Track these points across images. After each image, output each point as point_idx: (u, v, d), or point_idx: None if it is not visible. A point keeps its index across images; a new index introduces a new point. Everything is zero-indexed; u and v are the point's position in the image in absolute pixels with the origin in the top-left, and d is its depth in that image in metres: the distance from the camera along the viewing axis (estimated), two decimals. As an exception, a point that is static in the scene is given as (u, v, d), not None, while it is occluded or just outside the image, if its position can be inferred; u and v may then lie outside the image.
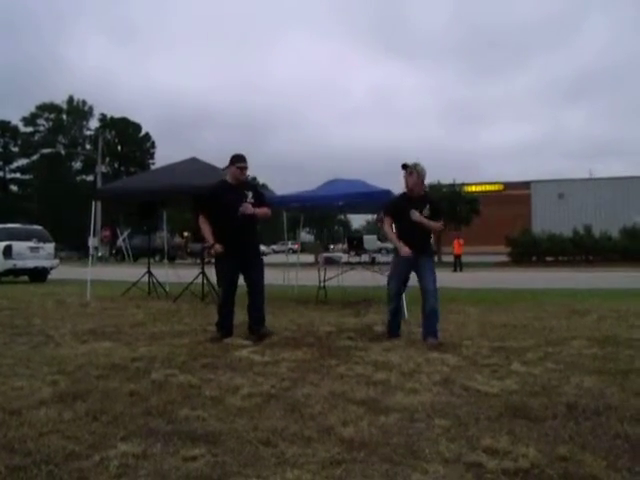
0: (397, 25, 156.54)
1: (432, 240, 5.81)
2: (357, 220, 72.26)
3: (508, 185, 47.32)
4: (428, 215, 5.35)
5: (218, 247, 5.48)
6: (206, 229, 5.60)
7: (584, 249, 29.03)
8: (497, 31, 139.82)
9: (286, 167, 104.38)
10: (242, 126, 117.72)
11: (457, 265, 23.63)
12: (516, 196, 45.36)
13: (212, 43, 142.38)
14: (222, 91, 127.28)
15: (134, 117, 61.15)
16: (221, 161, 10.35)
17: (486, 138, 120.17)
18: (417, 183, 5.40)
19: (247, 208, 5.40)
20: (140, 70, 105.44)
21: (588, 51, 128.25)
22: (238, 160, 5.60)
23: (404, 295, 7.72)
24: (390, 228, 5.60)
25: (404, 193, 5.61)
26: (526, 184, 46.81)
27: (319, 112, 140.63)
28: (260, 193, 5.81)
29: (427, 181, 5.60)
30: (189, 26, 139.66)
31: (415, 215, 5.27)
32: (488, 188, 46.15)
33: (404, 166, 5.45)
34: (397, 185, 5.69)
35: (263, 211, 5.67)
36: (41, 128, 59.67)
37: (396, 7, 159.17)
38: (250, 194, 5.57)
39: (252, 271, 5.63)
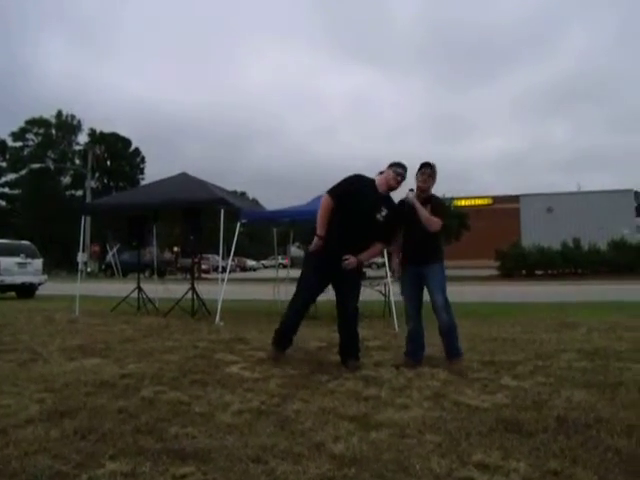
0: (373, 30, 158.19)
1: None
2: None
3: (497, 199, 47.64)
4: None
5: (320, 245, 4.73)
6: (325, 215, 4.76)
7: (573, 262, 29.22)
8: (478, 39, 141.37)
9: (270, 181, 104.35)
10: (222, 139, 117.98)
11: None
12: (505, 210, 45.65)
13: (184, 56, 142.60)
14: (198, 104, 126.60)
15: (111, 130, 60.93)
16: (208, 175, 10.39)
17: (469, 149, 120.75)
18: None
19: (351, 264, 4.71)
20: (114, 82, 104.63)
21: (571, 61, 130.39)
22: (399, 165, 4.84)
23: (393, 305, 7.74)
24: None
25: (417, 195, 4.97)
26: (515, 198, 47.14)
27: (298, 124, 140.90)
28: (391, 218, 4.84)
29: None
30: (160, 38, 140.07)
31: (410, 195, 4.78)
32: (477, 202, 46.42)
33: (428, 165, 4.88)
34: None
35: (374, 250, 4.95)
36: (30, 143, 59.49)
37: (372, 14, 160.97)
38: (385, 211, 4.78)
39: (345, 287, 4.86)
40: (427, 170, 4.87)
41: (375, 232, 4.84)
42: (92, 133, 59.95)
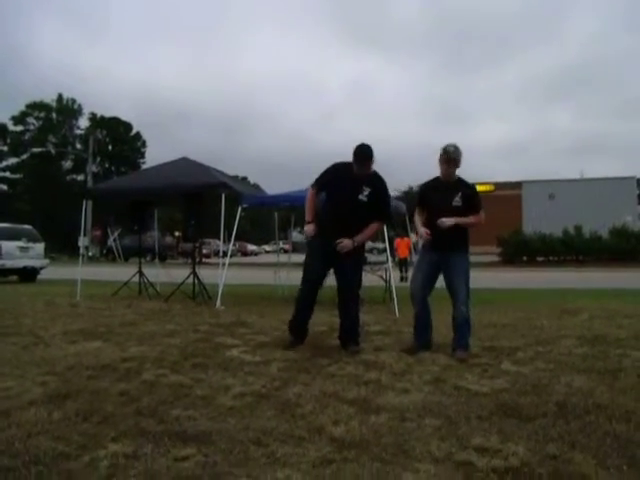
0: (373, 17, 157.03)
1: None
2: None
3: (499, 185, 47.48)
4: (460, 205, 4.67)
5: (310, 228, 4.89)
6: (309, 203, 4.99)
7: (574, 249, 29.20)
8: (480, 26, 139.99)
9: (271, 167, 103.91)
10: (223, 123, 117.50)
11: (403, 271, 17.46)
12: (507, 196, 45.52)
13: (183, 40, 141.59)
14: (199, 88, 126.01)
15: (112, 114, 60.68)
16: (209, 160, 10.37)
17: (471, 136, 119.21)
18: (455, 172, 4.74)
19: (345, 247, 4.75)
20: (112, 66, 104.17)
21: (574, 48, 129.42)
22: (354, 153, 4.76)
23: (394, 290, 7.75)
24: (419, 217, 4.91)
25: (436, 178, 4.89)
26: (517, 184, 46.99)
27: (300, 110, 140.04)
28: (379, 196, 4.88)
29: (417, 181, 5.17)
30: (161, 22, 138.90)
31: (444, 224, 4.58)
32: (479, 188, 46.12)
33: (447, 152, 4.68)
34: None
35: (370, 231, 4.93)
36: (31, 127, 59.26)
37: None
38: (367, 191, 4.78)
39: (344, 268, 4.87)
40: (447, 156, 4.68)
41: (364, 212, 4.84)
42: (93, 117, 59.72)
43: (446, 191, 4.73)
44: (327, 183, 4.98)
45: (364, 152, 4.77)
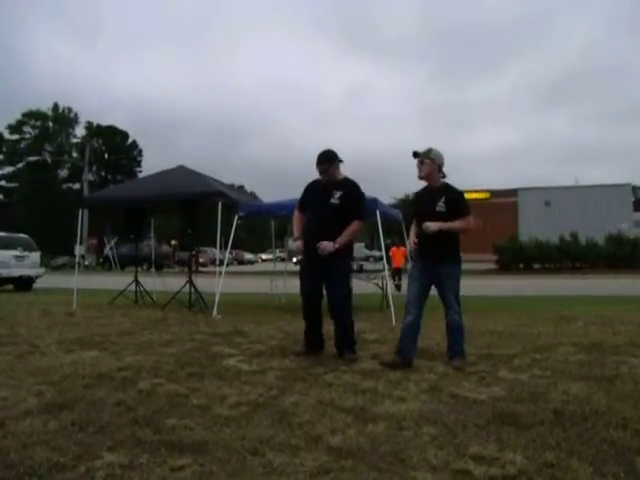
0: (369, 24, 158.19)
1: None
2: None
3: (495, 193, 47.60)
4: (443, 210, 4.56)
5: (299, 243, 5.04)
6: (296, 222, 5.20)
7: (570, 256, 29.29)
8: (476, 32, 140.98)
9: (267, 173, 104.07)
10: (219, 131, 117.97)
11: (397, 279, 16.72)
12: (503, 204, 45.63)
13: (178, 47, 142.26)
14: (195, 96, 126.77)
15: (107, 123, 60.89)
16: (205, 168, 10.38)
17: (467, 143, 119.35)
18: (431, 173, 4.67)
19: (325, 249, 4.78)
20: (107, 74, 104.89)
21: (570, 54, 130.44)
22: (316, 159, 4.99)
23: (391, 298, 7.74)
24: (414, 227, 4.86)
25: (426, 186, 4.82)
26: (513, 192, 47.14)
27: (297, 116, 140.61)
28: (351, 196, 4.96)
29: (414, 189, 5.08)
30: (157, 31, 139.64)
31: (428, 228, 4.52)
32: (475, 196, 46.35)
33: (415, 154, 4.68)
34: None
35: (349, 231, 4.90)
36: (27, 136, 59.30)
37: (367, 5, 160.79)
38: (338, 194, 4.90)
39: (328, 282, 4.93)
40: (417, 159, 4.69)
41: (339, 215, 4.90)
42: (89, 126, 59.83)
43: (431, 197, 4.68)
44: (305, 200, 5.21)
45: (320, 156, 4.96)
